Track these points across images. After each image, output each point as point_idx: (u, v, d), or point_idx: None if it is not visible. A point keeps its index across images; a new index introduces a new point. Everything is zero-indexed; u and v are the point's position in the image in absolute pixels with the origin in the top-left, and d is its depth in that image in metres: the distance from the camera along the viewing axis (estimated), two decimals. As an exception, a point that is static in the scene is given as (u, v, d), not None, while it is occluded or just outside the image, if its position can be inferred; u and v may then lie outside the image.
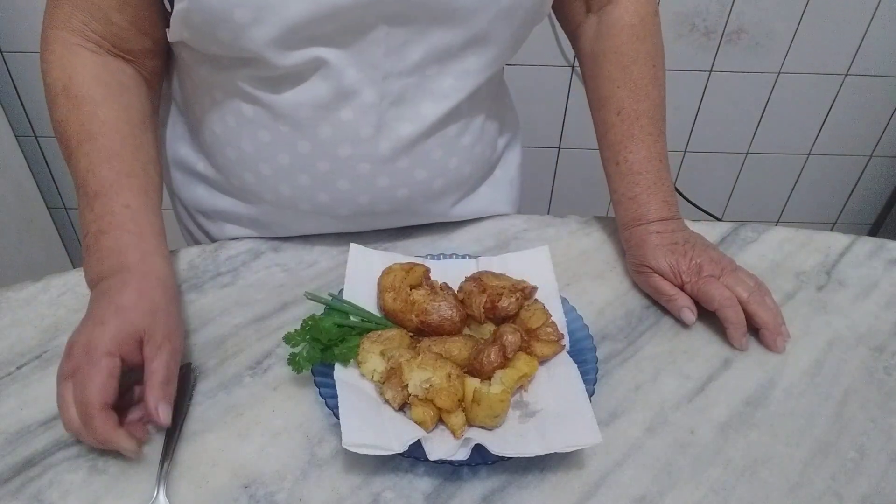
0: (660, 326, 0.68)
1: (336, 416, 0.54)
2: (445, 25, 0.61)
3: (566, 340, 0.63)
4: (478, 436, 0.54)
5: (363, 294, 0.66)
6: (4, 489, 0.52)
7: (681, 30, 1.54)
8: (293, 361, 0.57)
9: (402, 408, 0.57)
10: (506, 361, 0.57)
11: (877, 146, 1.77)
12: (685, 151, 1.77)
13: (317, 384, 0.57)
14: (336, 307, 0.64)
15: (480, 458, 0.52)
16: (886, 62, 1.61)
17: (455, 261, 0.72)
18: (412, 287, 0.64)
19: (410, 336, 0.62)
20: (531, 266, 0.70)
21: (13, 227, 1.57)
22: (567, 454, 0.54)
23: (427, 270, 0.66)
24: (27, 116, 1.61)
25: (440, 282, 0.66)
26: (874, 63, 1.61)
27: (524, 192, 0.91)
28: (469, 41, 0.63)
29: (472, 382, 0.56)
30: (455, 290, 0.66)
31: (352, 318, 0.63)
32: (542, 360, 0.61)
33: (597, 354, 0.61)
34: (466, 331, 0.63)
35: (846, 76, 1.63)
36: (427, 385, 0.55)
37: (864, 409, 0.60)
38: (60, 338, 0.64)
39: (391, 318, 0.63)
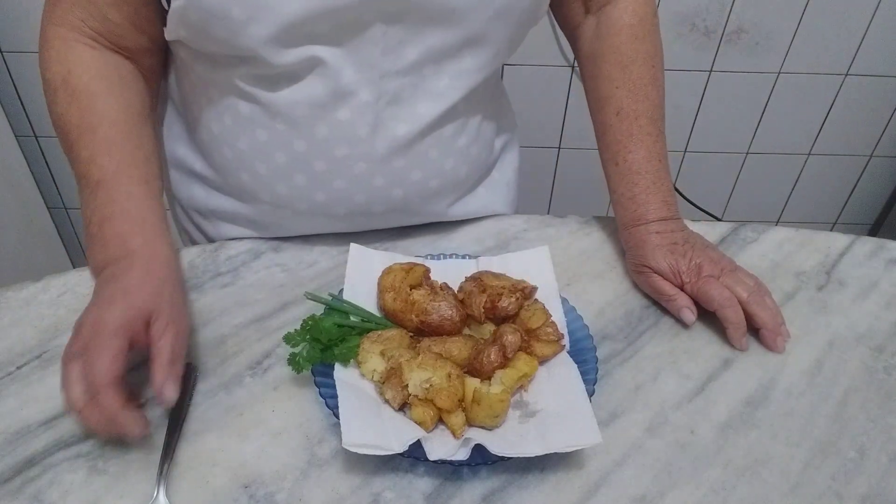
0: (660, 326, 0.68)
1: (336, 416, 0.54)
2: (442, 25, 0.61)
3: (566, 340, 0.63)
4: (478, 436, 0.54)
5: (363, 294, 0.66)
6: (4, 489, 0.52)
7: (681, 30, 1.54)
8: (293, 361, 0.57)
9: (402, 408, 0.57)
10: (506, 361, 0.57)
11: (877, 146, 1.77)
12: (685, 151, 1.77)
13: (317, 384, 0.57)
14: (336, 307, 0.64)
15: (480, 458, 0.52)
16: (886, 62, 1.61)
17: (455, 261, 0.72)
18: (412, 287, 0.64)
19: (410, 336, 0.62)
20: (531, 266, 0.70)
21: (13, 227, 1.57)
22: (567, 454, 0.54)
23: (427, 270, 0.66)
24: (27, 116, 1.61)
25: (440, 282, 0.66)
26: (874, 63, 1.61)
27: (524, 193, 0.90)
28: (465, 41, 0.63)
29: (472, 382, 0.56)
30: (455, 290, 0.66)
31: (352, 318, 0.63)
32: (542, 360, 0.61)
33: (597, 354, 0.61)
34: (466, 331, 0.63)
35: (846, 76, 1.63)
36: (427, 385, 0.55)
37: (864, 409, 0.60)
38: (60, 338, 0.64)
39: (391, 318, 0.63)
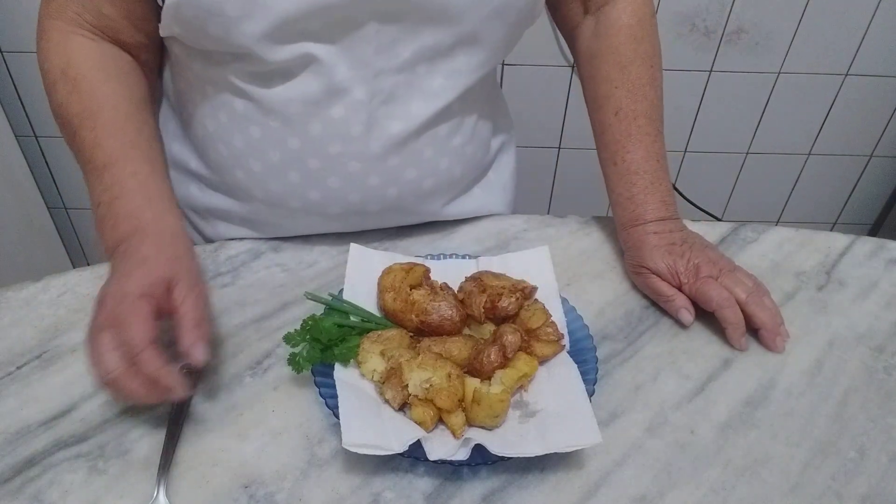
0: (659, 327, 0.68)
1: (336, 416, 0.54)
2: (436, 24, 0.61)
3: (566, 340, 0.63)
4: (478, 436, 0.54)
5: (363, 294, 0.66)
6: (4, 489, 0.52)
7: (681, 30, 1.54)
8: (293, 361, 0.57)
9: (402, 408, 0.57)
10: (506, 361, 0.57)
11: (877, 146, 1.77)
12: (685, 151, 1.77)
13: (317, 384, 0.57)
14: (336, 307, 0.64)
15: (480, 458, 0.52)
16: (886, 62, 1.61)
17: (455, 261, 0.72)
18: (412, 287, 0.64)
19: (410, 336, 0.62)
20: (531, 266, 0.70)
21: (13, 227, 1.57)
22: (567, 454, 0.54)
23: (427, 270, 0.66)
24: (27, 116, 1.61)
25: (440, 282, 0.66)
26: (874, 63, 1.61)
27: (524, 193, 0.90)
28: (459, 40, 0.63)
29: (472, 382, 0.56)
30: (455, 290, 0.66)
31: (352, 318, 0.63)
32: (542, 360, 0.61)
33: (597, 354, 0.61)
34: (466, 331, 0.63)
35: (846, 76, 1.63)
36: (427, 385, 0.55)
37: (864, 409, 0.60)
38: (60, 338, 0.64)
39: (391, 318, 0.63)
